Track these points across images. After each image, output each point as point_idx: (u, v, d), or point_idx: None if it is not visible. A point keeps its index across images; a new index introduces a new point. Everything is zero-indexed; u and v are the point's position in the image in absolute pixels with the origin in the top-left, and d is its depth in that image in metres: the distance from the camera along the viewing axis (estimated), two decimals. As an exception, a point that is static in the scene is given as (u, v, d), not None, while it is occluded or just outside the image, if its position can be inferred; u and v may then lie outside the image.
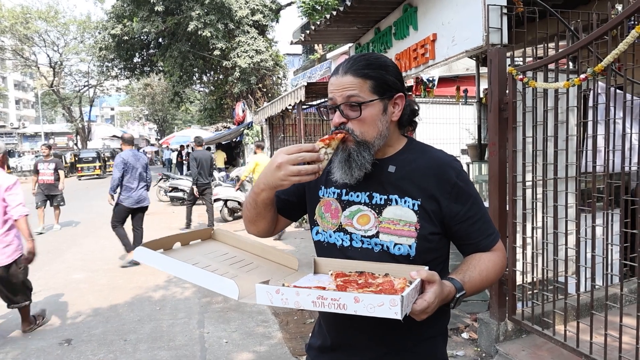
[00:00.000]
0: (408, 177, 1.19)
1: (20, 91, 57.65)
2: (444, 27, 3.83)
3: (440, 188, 1.17)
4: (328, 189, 1.28)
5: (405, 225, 1.15)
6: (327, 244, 1.26)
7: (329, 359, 1.30)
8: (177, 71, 16.95)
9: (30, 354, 3.63)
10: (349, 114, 1.16)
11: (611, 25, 2.46)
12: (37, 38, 30.10)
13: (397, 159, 1.23)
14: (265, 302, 1.02)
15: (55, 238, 8.44)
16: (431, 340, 1.23)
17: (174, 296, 4.97)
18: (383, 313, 0.91)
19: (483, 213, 1.21)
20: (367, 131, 1.16)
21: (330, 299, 0.95)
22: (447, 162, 1.21)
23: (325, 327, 1.30)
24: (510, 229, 3.24)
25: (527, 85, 3.01)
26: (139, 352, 3.61)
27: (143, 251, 1.20)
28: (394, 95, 1.20)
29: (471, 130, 8.97)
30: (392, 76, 1.19)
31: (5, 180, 3.70)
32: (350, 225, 1.21)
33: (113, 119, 66.74)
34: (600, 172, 2.92)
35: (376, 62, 1.18)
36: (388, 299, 0.91)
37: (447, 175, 1.18)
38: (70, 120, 33.66)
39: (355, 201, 1.23)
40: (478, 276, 1.14)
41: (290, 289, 1.00)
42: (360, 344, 1.22)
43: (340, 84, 1.16)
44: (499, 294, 3.29)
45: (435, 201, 1.17)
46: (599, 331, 2.66)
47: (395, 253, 1.16)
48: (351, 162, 1.16)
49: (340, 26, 5.25)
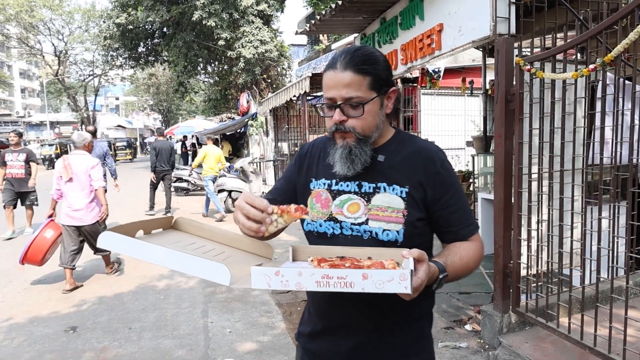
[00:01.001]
0: (396, 166, 1.25)
1: (25, 80, 57.79)
2: (451, 17, 3.78)
3: (426, 176, 1.23)
4: (318, 181, 1.32)
5: (394, 212, 1.20)
6: (317, 234, 1.29)
7: (319, 343, 1.33)
8: (181, 61, 16.89)
9: (35, 341, 3.67)
10: (350, 112, 1.19)
11: (621, 15, 2.42)
12: (42, 26, 30.09)
13: (386, 148, 1.28)
14: (262, 285, 0.98)
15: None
16: (418, 321, 1.29)
17: (178, 286, 5.00)
18: (392, 288, 0.92)
19: (463, 203, 1.27)
20: (368, 127, 1.21)
21: (337, 278, 0.94)
22: (432, 152, 1.27)
23: (316, 313, 1.33)
24: (516, 221, 3.22)
25: (534, 76, 2.97)
26: (143, 340, 3.64)
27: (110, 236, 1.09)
28: (389, 89, 1.25)
29: (477, 122, 8.91)
30: (386, 70, 1.23)
31: (91, 161, 4.95)
32: (341, 213, 1.25)
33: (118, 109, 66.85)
34: (608, 164, 2.89)
35: (372, 57, 1.21)
36: (398, 273, 0.92)
37: (433, 164, 1.24)
38: (76, 110, 33.73)
39: (345, 190, 1.27)
40: (459, 261, 1.19)
41: (292, 269, 0.97)
42: (350, 327, 1.26)
43: (340, 81, 1.18)
44: (503, 286, 3.29)
45: (421, 188, 1.22)
46: (603, 324, 2.65)
47: (384, 239, 1.20)
48: (353, 157, 1.21)
49: (346, 16, 5.20)
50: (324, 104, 1.24)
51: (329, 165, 1.27)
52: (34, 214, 8.09)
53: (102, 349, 3.52)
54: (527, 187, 3.16)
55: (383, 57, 1.24)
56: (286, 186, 1.41)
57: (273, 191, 1.44)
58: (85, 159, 4.95)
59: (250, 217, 1.09)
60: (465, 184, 6.86)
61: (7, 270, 5.70)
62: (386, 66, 1.24)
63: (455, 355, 3.25)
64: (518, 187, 3.18)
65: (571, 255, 2.95)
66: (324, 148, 1.35)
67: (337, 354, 1.28)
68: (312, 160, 1.37)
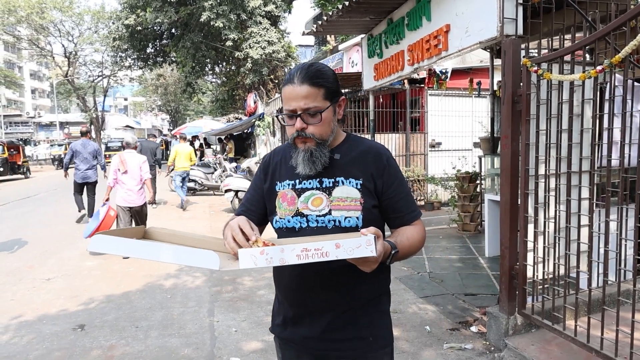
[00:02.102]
0: (351, 162, 1.44)
1: (36, 81, 58.37)
2: (458, 18, 3.77)
3: (375, 169, 1.43)
4: (282, 182, 1.48)
5: (352, 201, 1.39)
6: (286, 229, 1.44)
7: (293, 330, 1.48)
8: (189, 62, 16.97)
9: (44, 339, 3.71)
10: (309, 120, 1.37)
11: (630, 16, 2.40)
12: (52, 28, 30.33)
13: (340, 148, 1.47)
14: (249, 265, 1.08)
15: (69, 226, 8.57)
16: (377, 298, 1.47)
17: (184, 285, 5.03)
18: (361, 253, 1.06)
19: (407, 193, 1.48)
20: (325, 132, 1.40)
21: (314, 250, 1.06)
22: (380, 150, 1.48)
23: (286, 301, 1.49)
24: (522, 223, 3.21)
25: (541, 77, 2.96)
26: (150, 339, 3.66)
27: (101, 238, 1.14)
28: (339, 99, 1.44)
29: (484, 123, 8.87)
30: (335, 82, 1.42)
31: (141, 157, 6.40)
32: (306, 208, 1.41)
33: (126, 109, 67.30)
34: (616, 166, 2.87)
35: (323, 71, 1.39)
36: (364, 240, 1.06)
37: (380, 160, 1.44)
38: (85, 110, 33.95)
39: (308, 187, 1.43)
40: (407, 241, 1.38)
41: (275, 247, 1.09)
42: (319, 310, 1.41)
43: (299, 94, 1.34)
44: (509, 288, 3.27)
45: (372, 180, 1.42)
46: (610, 327, 2.63)
47: (346, 225, 1.37)
48: (314, 159, 1.39)
49: (353, 17, 5.21)
50: (284, 114, 1.40)
51: (292, 167, 1.45)
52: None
53: (109, 347, 3.55)
54: (534, 188, 3.15)
55: (332, 71, 1.44)
56: (256, 195, 1.56)
57: (245, 202, 1.58)
58: (137, 156, 6.39)
59: (236, 239, 1.23)
60: (472, 185, 6.84)
61: (17, 269, 5.77)
62: (335, 79, 1.42)
63: (460, 356, 3.24)
64: (524, 188, 3.17)
65: (578, 258, 2.93)
66: (285, 153, 1.52)
67: (310, 338, 1.44)
68: (275, 166, 1.53)
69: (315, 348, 1.44)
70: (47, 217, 9.78)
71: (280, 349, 1.56)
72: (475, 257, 5.60)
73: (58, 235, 7.82)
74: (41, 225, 8.82)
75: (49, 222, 9.13)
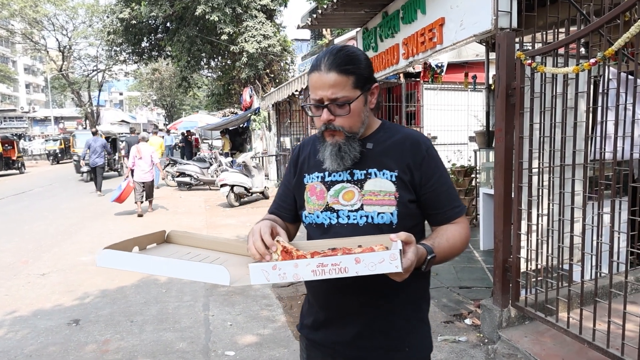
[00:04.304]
0: (385, 152, 1.31)
1: (30, 75, 57.93)
2: (453, 11, 3.76)
3: (413, 160, 1.29)
4: (311, 175, 1.37)
5: (386, 195, 1.26)
6: (316, 225, 1.34)
7: (323, 333, 1.36)
8: (184, 56, 16.86)
9: (39, 333, 3.71)
10: (337, 111, 1.25)
11: (623, 8, 2.40)
12: (46, 22, 30.10)
13: (373, 137, 1.34)
14: (261, 281, 1.01)
15: (65, 221, 8.55)
16: (415, 305, 1.35)
17: (180, 280, 5.02)
18: (384, 269, 0.96)
19: (449, 186, 1.33)
20: (355, 124, 1.27)
21: (331, 265, 0.97)
22: (418, 138, 1.33)
23: (317, 304, 1.37)
24: (516, 216, 3.22)
25: (535, 70, 2.96)
26: (145, 333, 3.67)
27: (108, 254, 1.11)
28: (371, 86, 1.30)
29: (479, 117, 8.88)
30: (367, 69, 1.28)
31: (151, 148, 9.18)
32: (337, 202, 1.30)
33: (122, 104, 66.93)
34: (609, 159, 2.88)
35: (354, 56, 1.25)
36: (387, 254, 0.96)
37: (419, 149, 1.30)
38: (80, 105, 33.77)
39: (338, 180, 1.32)
40: (446, 242, 1.24)
41: (288, 261, 1.00)
42: (351, 315, 1.30)
43: (326, 82, 1.22)
44: (503, 281, 3.29)
45: (409, 171, 1.28)
46: (602, 319, 2.65)
47: (379, 222, 1.25)
48: (342, 154, 1.27)
49: (348, 10, 5.18)
50: (311, 105, 1.28)
51: (320, 160, 1.33)
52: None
53: (104, 341, 3.55)
54: (528, 181, 3.16)
55: (364, 55, 1.30)
56: (286, 191, 1.46)
57: (276, 198, 1.50)
58: (148, 147, 9.15)
59: (255, 247, 1.15)
60: (467, 179, 6.85)
61: (11, 264, 5.75)
62: (367, 64, 1.29)
63: (454, 349, 3.26)
64: (518, 181, 3.18)
65: (571, 250, 2.95)
66: (314, 145, 1.40)
67: (341, 343, 1.33)
68: (303, 158, 1.43)
69: (345, 354, 1.33)
70: (42, 212, 9.75)
71: (306, 349, 1.45)
72: (469, 251, 5.62)
73: (53, 230, 7.79)
74: (36, 220, 8.79)
75: (44, 217, 9.10)
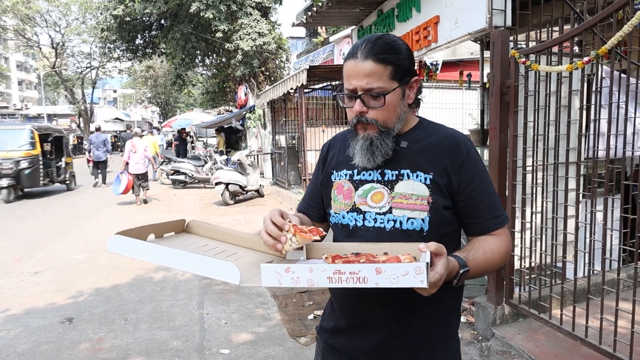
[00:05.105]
0: (420, 152, 1.20)
1: (22, 72, 57.45)
2: (447, 9, 3.77)
3: (451, 163, 1.17)
4: (339, 172, 1.29)
5: (418, 199, 1.16)
6: (341, 225, 1.26)
7: (342, 340, 1.29)
8: (179, 53, 16.78)
9: (32, 332, 3.68)
10: (371, 103, 1.15)
11: (616, 7, 2.41)
12: (38, 18, 29.81)
13: (409, 135, 1.24)
14: (273, 283, 0.95)
15: (58, 219, 8.50)
16: (444, 320, 1.24)
17: (174, 277, 5.01)
18: (408, 282, 0.88)
19: (490, 193, 1.20)
20: (389, 119, 1.18)
21: (349, 273, 0.90)
22: (458, 139, 1.22)
23: (339, 309, 1.29)
24: (510, 214, 3.23)
25: (529, 68, 2.97)
26: (139, 332, 3.65)
27: (120, 240, 1.08)
28: (411, 79, 1.20)
29: (474, 116, 8.90)
30: (408, 60, 1.18)
31: (144, 143, 9.98)
32: (365, 203, 1.21)
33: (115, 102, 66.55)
34: (602, 157, 2.90)
35: (394, 45, 1.16)
36: (413, 267, 0.87)
37: (458, 151, 1.19)
38: (73, 102, 33.49)
39: (367, 180, 1.23)
40: (482, 256, 1.13)
41: (302, 265, 0.94)
42: (374, 324, 1.21)
43: (361, 71, 1.14)
44: (497, 278, 3.30)
45: (446, 175, 1.17)
46: (595, 315, 2.67)
47: (409, 228, 1.16)
48: (374, 149, 1.18)
49: (343, 8, 5.18)
50: (344, 94, 1.19)
51: (349, 156, 1.24)
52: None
53: (98, 339, 3.53)
54: (522, 179, 3.17)
55: (405, 45, 1.20)
56: (314, 189, 1.39)
57: (305, 196, 1.44)
58: (142, 142, 9.98)
59: (268, 232, 1.10)
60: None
61: (3, 263, 5.71)
62: (408, 55, 1.19)
63: (448, 346, 3.27)
64: (512, 179, 3.19)
65: (564, 248, 2.97)
66: (345, 140, 1.32)
67: (360, 352, 1.25)
68: (333, 154, 1.35)
69: None
70: (35, 210, 9.68)
71: (322, 352, 1.37)
72: (464, 249, 5.64)
73: (47, 228, 7.74)
74: (29, 218, 8.73)
75: (38, 215, 9.04)
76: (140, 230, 1.19)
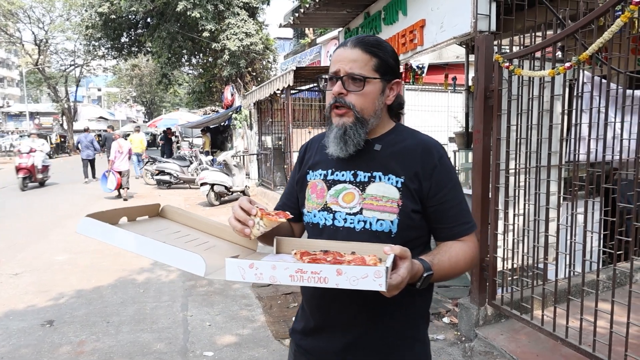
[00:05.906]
0: (393, 155, 1.22)
1: (4, 69, 56.29)
2: (433, 13, 3.80)
3: (422, 168, 1.20)
4: (315, 172, 1.31)
5: (388, 202, 1.18)
6: (312, 224, 1.28)
7: (312, 341, 1.30)
8: (165, 52, 16.65)
9: (11, 335, 3.61)
10: (351, 87, 1.19)
11: (597, 14, 2.46)
12: (21, 14, 29.28)
13: (383, 139, 1.26)
14: (236, 278, 0.97)
15: (39, 219, 8.34)
16: (412, 322, 1.26)
17: (158, 279, 4.96)
18: (367, 285, 0.90)
19: (460, 200, 1.23)
20: (367, 107, 1.20)
21: (310, 272, 0.92)
22: (432, 145, 1.24)
23: (308, 309, 1.31)
24: (492, 216, 3.27)
25: (513, 73, 3.02)
26: (122, 334, 3.60)
27: (89, 222, 1.06)
28: (393, 79, 1.24)
29: (459, 118, 9.00)
30: (392, 59, 1.24)
31: (129, 144, 11.26)
32: (336, 203, 1.23)
33: (100, 100, 65.65)
34: (583, 160, 2.95)
35: (383, 43, 1.23)
36: (372, 270, 0.89)
37: (430, 157, 1.21)
38: (56, 100, 32.93)
39: (340, 180, 1.25)
40: (447, 261, 1.14)
41: (266, 262, 0.96)
42: (343, 325, 1.23)
43: (347, 56, 1.19)
44: (480, 280, 3.34)
45: (417, 180, 1.19)
46: (575, 316, 2.71)
47: (377, 229, 1.17)
48: (346, 138, 1.20)
49: (330, 9, 5.19)
50: (327, 77, 1.23)
51: (326, 155, 1.27)
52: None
53: (79, 342, 3.48)
54: (504, 182, 3.21)
55: (392, 48, 1.26)
56: (291, 189, 1.40)
57: (282, 196, 1.45)
58: (127, 143, 11.07)
59: (236, 217, 1.12)
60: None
61: (-18, 263, 5.58)
62: (394, 56, 1.24)
63: (432, 347, 3.27)
64: (495, 182, 3.23)
65: (546, 250, 3.01)
66: (321, 141, 1.34)
67: (329, 353, 1.26)
68: (310, 154, 1.37)
69: None
70: (16, 210, 9.49)
71: (294, 355, 1.38)
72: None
73: (28, 229, 7.60)
74: (10, 218, 8.56)
75: (19, 215, 8.87)
76: (113, 213, 1.17)
